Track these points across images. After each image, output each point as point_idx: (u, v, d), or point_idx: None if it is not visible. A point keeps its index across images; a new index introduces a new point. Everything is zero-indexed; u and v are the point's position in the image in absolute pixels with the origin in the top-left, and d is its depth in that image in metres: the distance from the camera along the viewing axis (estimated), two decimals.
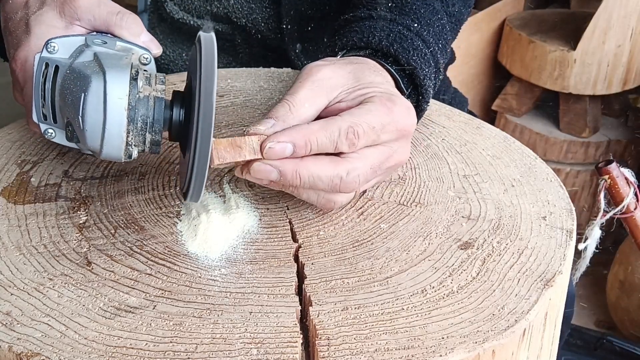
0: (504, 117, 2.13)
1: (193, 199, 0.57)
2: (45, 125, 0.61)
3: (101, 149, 0.56)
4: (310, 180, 0.59)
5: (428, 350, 0.50)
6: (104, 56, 0.57)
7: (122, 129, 0.55)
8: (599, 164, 0.93)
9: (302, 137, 0.58)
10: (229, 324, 0.52)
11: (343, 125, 0.59)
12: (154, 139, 0.57)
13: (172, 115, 0.58)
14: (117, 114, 0.55)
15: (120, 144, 0.56)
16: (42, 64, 0.59)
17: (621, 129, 2.10)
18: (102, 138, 0.55)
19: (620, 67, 1.96)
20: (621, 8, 1.87)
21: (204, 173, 0.55)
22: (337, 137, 0.59)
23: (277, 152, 0.58)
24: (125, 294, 0.55)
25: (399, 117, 0.62)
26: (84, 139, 0.56)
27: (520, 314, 0.54)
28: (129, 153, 0.57)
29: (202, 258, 0.59)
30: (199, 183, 0.55)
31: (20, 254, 0.59)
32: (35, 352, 0.50)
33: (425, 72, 0.73)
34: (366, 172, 0.61)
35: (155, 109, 0.56)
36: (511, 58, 2.09)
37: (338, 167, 0.59)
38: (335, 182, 0.59)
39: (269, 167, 0.58)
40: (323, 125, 0.59)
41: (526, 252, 0.61)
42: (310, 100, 0.62)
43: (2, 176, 0.70)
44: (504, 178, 0.71)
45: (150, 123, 0.56)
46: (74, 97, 0.56)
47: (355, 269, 0.58)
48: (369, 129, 0.60)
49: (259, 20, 0.94)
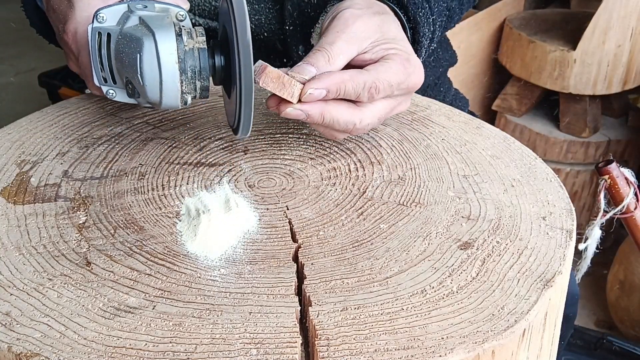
0: (504, 117, 2.13)
1: (243, 132, 0.65)
2: (106, 87, 0.69)
3: (161, 99, 0.64)
4: (330, 122, 0.68)
5: (428, 350, 0.50)
6: (149, 19, 0.65)
7: (176, 80, 0.63)
8: (599, 164, 0.93)
9: (335, 85, 0.66)
10: (229, 324, 0.52)
11: (368, 80, 0.67)
12: (203, 84, 0.65)
13: (215, 62, 0.66)
14: (170, 67, 0.63)
15: (176, 93, 0.64)
16: (95, 33, 0.66)
17: (621, 129, 2.10)
18: (160, 90, 0.63)
19: (620, 67, 1.96)
20: (621, 8, 1.87)
21: (251, 105, 0.63)
22: (362, 89, 0.67)
23: (313, 96, 0.66)
24: (125, 294, 0.55)
25: (413, 76, 0.71)
26: (144, 94, 0.64)
27: (520, 314, 0.53)
28: (184, 100, 0.65)
29: (201, 258, 0.59)
30: (247, 115, 0.64)
31: (19, 254, 0.59)
32: (34, 353, 0.50)
33: (424, 31, 0.81)
34: (374, 122, 0.71)
35: (200, 59, 0.64)
36: (511, 58, 2.09)
37: (354, 115, 0.69)
38: (349, 126, 0.69)
39: (299, 112, 0.67)
40: (352, 76, 0.67)
41: (526, 252, 0.60)
42: (345, 52, 0.69)
43: (2, 176, 0.70)
44: (504, 178, 0.71)
45: (198, 71, 0.64)
46: (130, 59, 0.64)
47: (355, 269, 0.58)
48: (388, 86, 0.69)
49: (262, 21, 0.94)
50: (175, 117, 0.81)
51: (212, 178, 0.70)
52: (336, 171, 0.71)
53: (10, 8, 3.12)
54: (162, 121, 0.80)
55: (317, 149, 0.75)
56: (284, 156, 0.74)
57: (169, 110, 0.70)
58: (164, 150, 0.74)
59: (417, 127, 0.80)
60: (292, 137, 0.78)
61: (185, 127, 0.79)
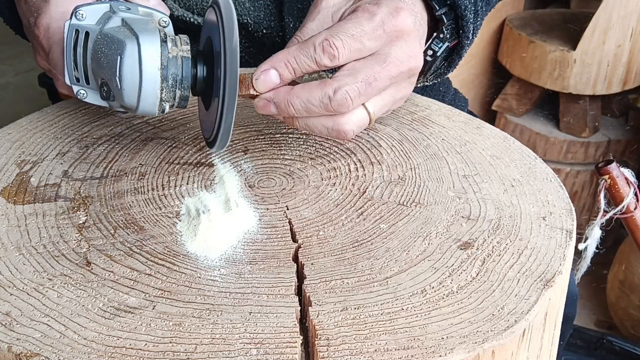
0: (504, 117, 2.13)
1: (220, 147, 0.63)
2: (77, 87, 0.66)
3: (138, 105, 0.62)
4: (303, 106, 0.61)
5: (428, 350, 0.50)
6: (132, 21, 0.63)
7: (156, 87, 0.61)
8: (599, 164, 0.93)
9: (279, 60, 0.61)
10: (229, 324, 0.52)
11: (317, 39, 0.60)
12: (183, 94, 0.63)
13: (197, 72, 0.64)
14: (152, 73, 0.61)
15: (155, 100, 0.62)
16: (72, 30, 0.64)
17: (621, 129, 2.10)
18: (138, 95, 0.61)
19: (620, 67, 1.96)
20: (621, 8, 1.87)
21: (232, 119, 0.60)
22: (314, 52, 0.60)
23: (264, 81, 0.62)
24: (125, 294, 0.55)
25: (386, 18, 0.61)
26: (120, 97, 0.62)
27: (520, 314, 0.53)
28: (162, 108, 0.63)
29: (201, 258, 0.59)
30: (227, 129, 0.61)
31: (19, 254, 0.59)
32: (34, 353, 0.50)
33: (465, 3, 0.72)
34: (358, 87, 0.60)
35: (183, 67, 0.62)
36: (511, 58, 2.09)
37: (326, 87, 0.60)
38: (325, 102, 0.60)
39: (264, 102, 0.62)
40: (300, 45, 0.61)
41: (526, 252, 0.60)
42: (317, 29, 0.64)
43: (2, 176, 0.70)
44: (504, 178, 0.71)
45: (180, 80, 0.62)
46: (109, 60, 0.61)
47: (355, 269, 0.58)
48: (348, 37, 0.60)
49: (261, 17, 0.94)
50: (175, 117, 0.81)
51: (212, 178, 0.70)
52: (336, 171, 0.71)
53: None
54: (162, 121, 0.80)
55: (317, 149, 0.75)
56: (284, 156, 0.74)
57: (144, 116, 0.68)
58: (164, 150, 0.74)
59: (417, 127, 0.80)
60: (292, 137, 0.78)
61: (185, 127, 0.79)
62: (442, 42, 0.76)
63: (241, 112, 0.82)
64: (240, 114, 0.82)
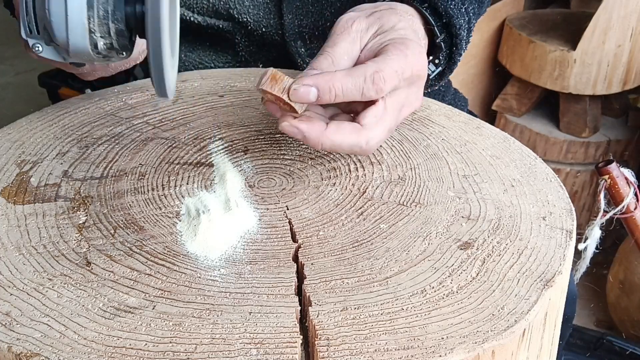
0: (504, 117, 2.13)
1: (159, 93, 0.58)
2: (32, 40, 0.63)
3: (67, 38, 0.58)
4: (332, 148, 0.63)
5: (428, 350, 0.50)
6: None
7: (82, 15, 0.58)
8: (599, 164, 0.93)
9: (325, 83, 0.61)
10: (229, 324, 0.52)
11: (368, 71, 0.62)
12: (118, 28, 0.59)
13: (135, 10, 0.59)
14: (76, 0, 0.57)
15: (83, 31, 0.58)
16: None
17: (621, 129, 2.10)
18: (66, 27, 0.58)
19: (620, 67, 1.96)
20: (621, 8, 1.87)
21: (161, 62, 0.55)
22: (363, 82, 0.61)
23: (301, 94, 0.61)
24: (125, 294, 0.55)
25: (413, 60, 0.65)
26: (52, 32, 0.59)
27: (520, 314, 0.53)
28: (94, 42, 0.59)
29: (201, 258, 0.59)
30: (157, 72, 0.56)
31: (19, 254, 0.59)
32: (34, 353, 0.50)
33: (460, 22, 0.75)
34: (383, 137, 0.65)
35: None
36: (511, 58, 2.09)
37: (360, 137, 0.63)
38: (355, 150, 0.64)
39: (295, 130, 0.62)
40: (348, 72, 0.62)
41: (526, 252, 0.60)
42: (348, 52, 0.66)
43: (2, 176, 0.70)
44: (504, 178, 0.71)
45: (112, 11, 0.58)
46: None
47: (355, 269, 0.58)
48: (393, 73, 0.63)
49: (260, 16, 0.94)
50: (176, 117, 0.81)
51: (212, 178, 0.70)
52: (336, 171, 0.71)
53: None
54: (162, 121, 0.80)
55: None
56: (284, 156, 0.74)
57: (81, 58, 0.63)
58: (164, 150, 0.74)
59: (417, 127, 0.80)
60: (292, 137, 0.77)
61: (185, 127, 0.79)
62: (435, 67, 0.79)
63: (241, 112, 0.82)
64: (240, 113, 0.82)
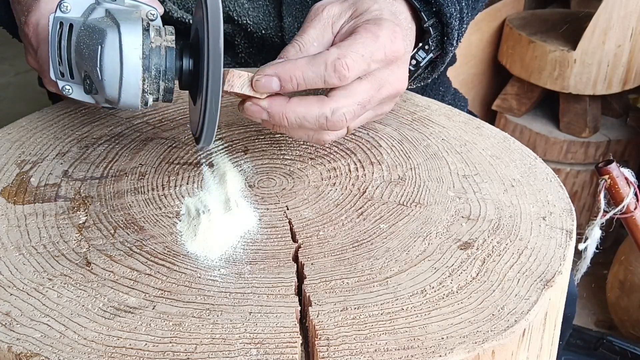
0: (504, 117, 2.13)
1: (206, 142, 0.61)
2: (62, 82, 0.65)
3: (119, 96, 0.60)
4: (297, 121, 0.61)
5: (428, 350, 0.50)
6: (116, 11, 0.61)
7: (138, 77, 0.59)
8: (599, 164, 0.93)
9: (286, 71, 0.60)
10: (229, 324, 0.52)
11: (330, 58, 0.60)
12: (167, 86, 0.61)
13: (182, 65, 0.62)
14: (133, 62, 0.59)
15: (136, 91, 0.60)
16: (56, 23, 0.63)
17: (621, 129, 2.10)
18: (119, 86, 0.60)
19: (620, 67, 1.96)
20: (621, 8, 1.87)
21: (216, 115, 0.59)
22: (324, 70, 0.59)
23: (263, 85, 0.61)
24: (125, 294, 0.55)
25: (386, 41, 0.62)
26: (102, 89, 0.60)
27: (520, 314, 0.53)
28: (145, 100, 0.61)
29: (201, 258, 0.59)
30: (211, 125, 0.59)
31: (19, 254, 0.59)
32: (34, 353, 0.50)
33: (450, 11, 0.73)
34: (354, 110, 0.61)
35: (167, 58, 0.61)
36: (511, 58, 2.09)
37: (323, 107, 0.60)
38: (321, 121, 0.61)
39: (258, 108, 0.61)
40: (309, 60, 0.60)
41: (526, 252, 0.60)
42: (318, 38, 0.64)
43: (2, 176, 0.70)
44: (504, 178, 0.71)
45: (163, 71, 0.61)
46: (90, 51, 0.60)
47: (354, 269, 0.58)
48: (359, 58, 0.60)
49: (260, 18, 0.94)
50: (175, 117, 0.81)
51: (212, 177, 0.70)
52: (336, 171, 0.71)
53: None
54: (162, 121, 0.80)
55: (317, 148, 0.75)
56: (284, 156, 0.74)
57: (128, 110, 0.67)
58: (164, 150, 0.74)
59: (417, 127, 0.80)
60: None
61: (185, 127, 0.79)
62: (426, 53, 0.77)
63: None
64: (239, 113, 0.81)
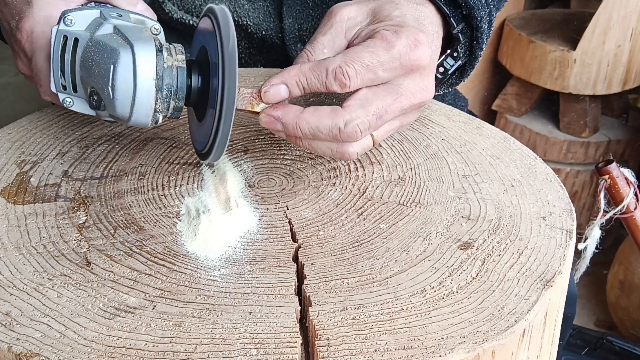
0: (504, 117, 2.13)
1: (214, 158, 0.61)
2: (63, 95, 0.64)
3: (130, 115, 0.60)
4: (310, 132, 0.60)
5: (428, 350, 0.50)
6: (125, 29, 0.61)
7: (151, 98, 0.60)
8: (599, 164, 0.93)
9: (292, 77, 0.60)
10: (229, 324, 0.52)
11: (331, 66, 0.59)
12: (177, 105, 0.62)
13: (191, 83, 0.62)
14: (147, 84, 0.59)
15: (148, 110, 0.60)
16: (60, 36, 0.62)
17: (621, 129, 2.10)
18: (132, 106, 0.60)
19: (620, 67, 1.96)
20: (621, 8, 1.87)
21: (228, 132, 0.59)
22: (325, 77, 0.59)
23: (273, 95, 0.61)
24: (125, 294, 0.55)
25: (404, 51, 0.60)
26: (112, 108, 0.60)
27: (520, 314, 0.53)
28: (155, 119, 0.61)
29: (201, 258, 0.59)
30: (222, 141, 0.59)
31: (19, 254, 0.59)
32: (34, 353, 0.50)
33: (481, 14, 0.71)
34: (368, 120, 0.60)
35: (178, 78, 0.61)
36: (511, 58, 2.09)
37: (337, 118, 0.59)
38: (334, 132, 0.60)
39: (271, 119, 0.62)
40: (312, 66, 0.60)
41: (526, 252, 0.60)
42: (329, 44, 0.63)
43: (2, 176, 0.70)
44: (504, 178, 0.71)
45: (174, 91, 0.61)
46: (101, 69, 0.60)
47: (354, 269, 0.58)
48: (362, 67, 0.59)
49: (260, 19, 0.93)
50: None
51: (212, 177, 0.70)
52: (336, 171, 0.71)
53: None
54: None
55: None
56: (284, 156, 0.74)
57: (136, 126, 0.67)
58: (164, 150, 0.74)
59: (417, 127, 0.80)
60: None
61: (185, 127, 0.79)
62: (454, 61, 0.75)
63: (241, 112, 0.82)
64: (240, 113, 0.81)
